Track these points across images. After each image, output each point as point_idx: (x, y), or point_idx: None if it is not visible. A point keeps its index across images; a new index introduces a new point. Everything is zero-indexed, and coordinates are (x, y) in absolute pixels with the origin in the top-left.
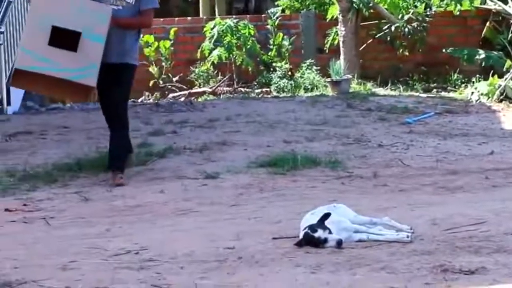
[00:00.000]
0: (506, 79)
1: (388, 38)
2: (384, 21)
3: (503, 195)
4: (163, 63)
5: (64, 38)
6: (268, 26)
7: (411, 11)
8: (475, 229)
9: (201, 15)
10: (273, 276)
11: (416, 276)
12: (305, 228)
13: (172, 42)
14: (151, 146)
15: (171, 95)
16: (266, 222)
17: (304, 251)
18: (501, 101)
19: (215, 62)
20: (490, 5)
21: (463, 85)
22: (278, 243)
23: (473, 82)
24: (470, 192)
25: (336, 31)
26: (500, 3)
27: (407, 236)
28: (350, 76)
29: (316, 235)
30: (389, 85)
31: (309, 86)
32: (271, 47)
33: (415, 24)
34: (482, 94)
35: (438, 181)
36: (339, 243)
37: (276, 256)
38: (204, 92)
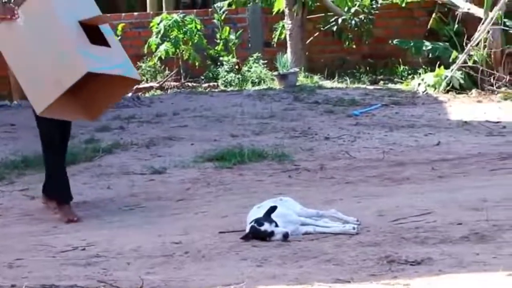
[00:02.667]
0: (452, 70)
1: (335, 31)
2: (331, 14)
3: (450, 186)
4: None
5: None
6: (215, 20)
7: (357, 3)
8: (421, 220)
9: (148, 10)
10: (219, 270)
11: (362, 268)
12: (251, 222)
13: (119, 37)
14: (98, 142)
15: None
16: (213, 217)
17: (251, 245)
18: (447, 92)
19: (162, 57)
20: None
21: (409, 76)
22: (224, 237)
23: (420, 74)
24: (416, 183)
25: (283, 25)
26: None
27: (354, 228)
28: (297, 69)
29: (262, 228)
30: (336, 77)
31: (256, 80)
32: (218, 41)
33: (361, 16)
34: (428, 85)
35: (385, 172)
36: (286, 236)
37: (222, 250)
38: (151, 87)
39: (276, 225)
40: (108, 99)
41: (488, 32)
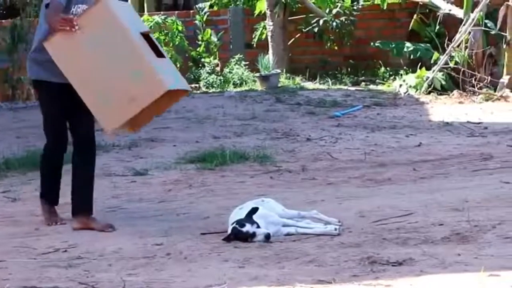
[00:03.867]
0: (433, 71)
1: (316, 32)
2: (312, 15)
3: (431, 187)
4: None
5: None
6: (197, 22)
7: (339, 5)
8: (402, 220)
9: None
10: (201, 271)
11: (344, 269)
12: (233, 223)
13: None
14: None
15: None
16: (195, 218)
17: (233, 246)
18: (429, 93)
19: None
20: None
21: (391, 78)
22: (206, 238)
23: (401, 75)
24: (398, 184)
25: (264, 26)
26: None
27: (335, 229)
28: (278, 71)
29: (244, 229)
30: (318, 79)
31: (238, 81)
32: (200, 42)
33: (342, 18)
34: (410, 86)
35: (366, 173)
36: (267, 237)
37: (204, 252)
38: None
39: (258, 226)
40: (154, 111)
41: (469, 33)
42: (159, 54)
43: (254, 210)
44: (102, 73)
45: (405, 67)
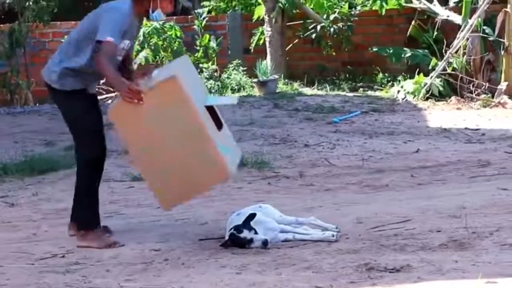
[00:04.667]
0: (431, 77)
1: (314, 38)
2: (310, 21)
3: (428, 193)
4: None
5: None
6: (195, 27)
7: (337, 10)
8: (400, 227)
9: None
10: (199, 277)
11: (341, 275)
12: (230, 229)
13: None
14: None
15: (98, 97)
16: (192, 224)
17: (230, 252)
18: (427, 99)
19: (142, 63)
20: (415, 4)
21: (389, 83)
22: (204, 244)
23: (399, 81)
24: (395, 190)
25: (262, 31)
26: (425, 1)
27: (333, 235)
28: (276, 76)
29: (241, 235)
30: (316, 84)
31: (236, 87)
32: (198, 48)
33: (340, 24)
34: (408, 92)
35: (364, 179)
36: (265, 244)
37: (202, 258)
38: None
39: (256, 232)
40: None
41: (467, 39)
42: (219, 123)
43: (252, 216)
44: (164, 150)
45: (403, 73)
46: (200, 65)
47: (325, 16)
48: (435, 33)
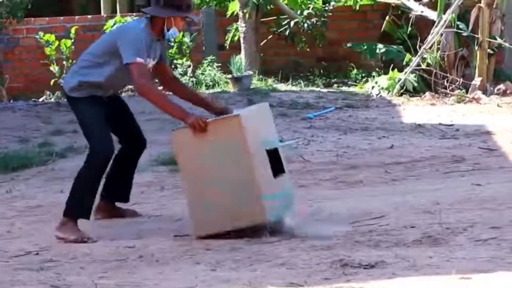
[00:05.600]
0: (406, 73)
1: (288, 34)
2: (284, 16)
3: (403, 189)
4: (64, 62)
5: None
6: None
7: (311, 6)
8: (374, 223)
9: (102, 13)
10: (173, 274)
11: (315, 271)
12: None
13: (73, 40)
14: (51, 146)
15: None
16: (167, 220)
17: (205, 248)
18: (401, 95)
19: None
20: None
21: (363, 79)
22: (179, 241)
23: (374, 77)
24: (370, 186)
25: (237, 27)
26: None
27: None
28: (251, 72)
29: None
30: (290, 80)
31: (211, 83)
32: (172, 44)
33: (314, 19)
34: (382, 88)
35: (338, 175)
36: None
37: (176, 254)
38: None
39: None
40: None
41: (441, 35)
42: (280, 170)
43: None
44: (213, 183)
45: (377, 69)
46: (175, 61)
47: (299, 12)
48: (409, 28)
